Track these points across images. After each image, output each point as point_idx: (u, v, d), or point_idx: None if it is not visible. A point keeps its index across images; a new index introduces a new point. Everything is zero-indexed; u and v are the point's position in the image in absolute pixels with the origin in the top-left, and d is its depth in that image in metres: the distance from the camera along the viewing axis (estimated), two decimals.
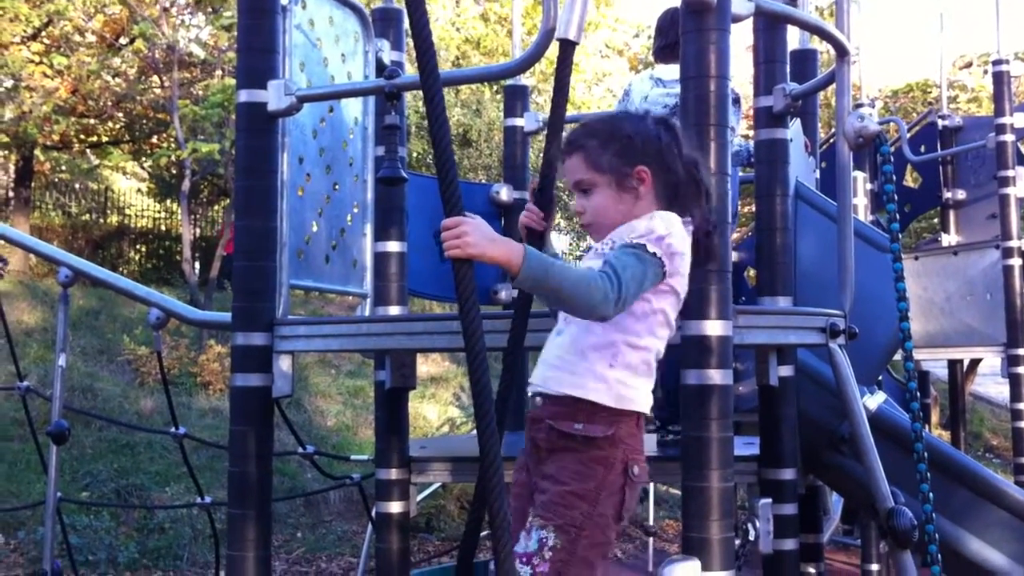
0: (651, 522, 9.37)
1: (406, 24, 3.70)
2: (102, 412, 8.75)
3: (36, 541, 6.98)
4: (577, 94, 18.22)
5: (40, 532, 6.85)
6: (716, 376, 2.40)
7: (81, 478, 7.92)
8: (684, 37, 2.53)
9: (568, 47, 2.53)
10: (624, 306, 2.14)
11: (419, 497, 4.26)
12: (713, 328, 2.42)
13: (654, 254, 2.19)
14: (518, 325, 2.50)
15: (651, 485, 9.46)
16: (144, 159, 17.19)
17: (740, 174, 4.57)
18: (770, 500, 3.11)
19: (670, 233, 2.23)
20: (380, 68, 3.54)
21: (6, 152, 16.06)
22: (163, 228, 18.56)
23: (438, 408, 11.02)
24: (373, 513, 3.50)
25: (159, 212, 19.03)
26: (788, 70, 3.44)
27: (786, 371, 3.23)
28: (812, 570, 3.70)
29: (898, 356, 3.88)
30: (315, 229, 3.26)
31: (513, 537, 2.21)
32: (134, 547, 7.38)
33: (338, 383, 10.70)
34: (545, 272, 2.07)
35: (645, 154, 2.33)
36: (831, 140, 6.60)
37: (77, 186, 18.68)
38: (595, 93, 20.43)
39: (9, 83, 13.40)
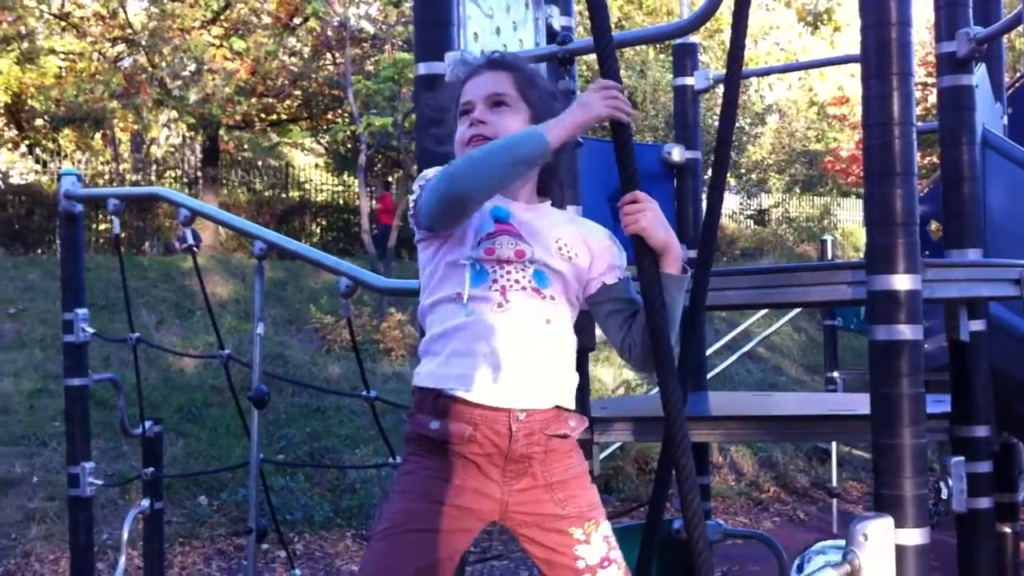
0: (835, 483, 9.22)
1: None
2: (294, 378, 9.16)
3: (237, 502, 7.39)
4: None
5: (241, 493, 7.26)
6: (906, 331, 2.35)
7: (276, 441, 8.32)
8: None
9: (743, 2, 2.51)
10: None
11: (599, 456, 4.31)
12: (901, 282, 2.36)
13: None
14: (699, 285, 2.50)
15: (833, 446, 9.28)
16: (321, 135, 17.77)
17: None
18: (963, 458, 3.03)
19: None
20: (550, 34, 3.57)
21: (193, 133, 16.89)
22: (341, 201, 19.12)
23: (612, 371, 11.06)
24: None
25: (336, 186, 19.64)
26: (971, 13, 3.31)
27: (978, 325, 3.12)
28: (1007, 529, 3.57)
29: None
30: None
31: None
32: (328, 507, 7.73)
33: None
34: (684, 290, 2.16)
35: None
36: (1017, 84, 6.27)
37: (260, 163, 19.50)
38: (761, 48, 19.95)
39: (193, 67, 14.05)
